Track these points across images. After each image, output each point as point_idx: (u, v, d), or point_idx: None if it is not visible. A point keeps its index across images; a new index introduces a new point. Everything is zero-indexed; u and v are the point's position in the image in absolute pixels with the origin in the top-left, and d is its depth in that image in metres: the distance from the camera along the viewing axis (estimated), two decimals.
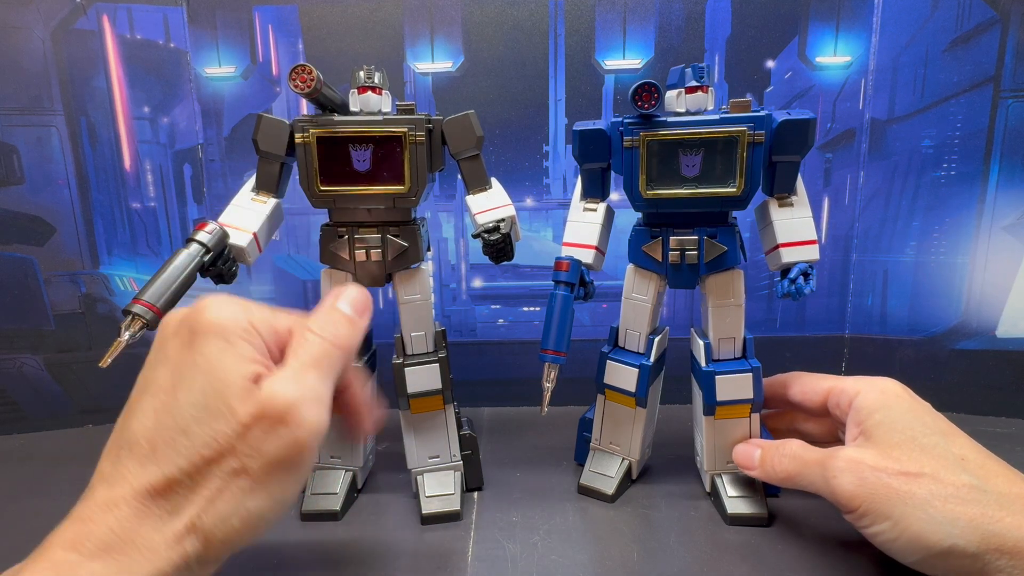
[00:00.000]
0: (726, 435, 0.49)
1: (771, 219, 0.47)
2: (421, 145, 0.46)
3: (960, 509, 0.36)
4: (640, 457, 0.53)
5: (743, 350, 0.50)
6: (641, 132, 0.45)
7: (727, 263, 0.48)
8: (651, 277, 0.50)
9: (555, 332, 0.47)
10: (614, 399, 0.53)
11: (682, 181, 0.46)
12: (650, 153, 0.45)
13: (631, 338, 0.52)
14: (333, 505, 0.50)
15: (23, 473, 0.58)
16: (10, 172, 0.63)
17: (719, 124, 0.44)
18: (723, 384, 0.48)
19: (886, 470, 0.38)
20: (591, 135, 0.47)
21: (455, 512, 0.49)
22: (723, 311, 0.49)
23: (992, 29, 0.61)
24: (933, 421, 0.41)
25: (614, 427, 0.53)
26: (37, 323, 0.67)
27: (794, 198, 0.47)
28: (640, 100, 0.43)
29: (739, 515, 0.48)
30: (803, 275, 0.46)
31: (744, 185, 0.45)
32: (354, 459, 0.52)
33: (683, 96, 0.45)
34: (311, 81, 0.43)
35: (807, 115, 0.45)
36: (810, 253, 0.46)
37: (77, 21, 0.63)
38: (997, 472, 0.38)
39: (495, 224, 0.47)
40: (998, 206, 0.64)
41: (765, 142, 0.44)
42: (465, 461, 0.52)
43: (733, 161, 0.45)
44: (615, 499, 0.52)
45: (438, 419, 0.51)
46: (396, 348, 0.51)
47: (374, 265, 0.49)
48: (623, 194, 0.48)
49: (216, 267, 0.45)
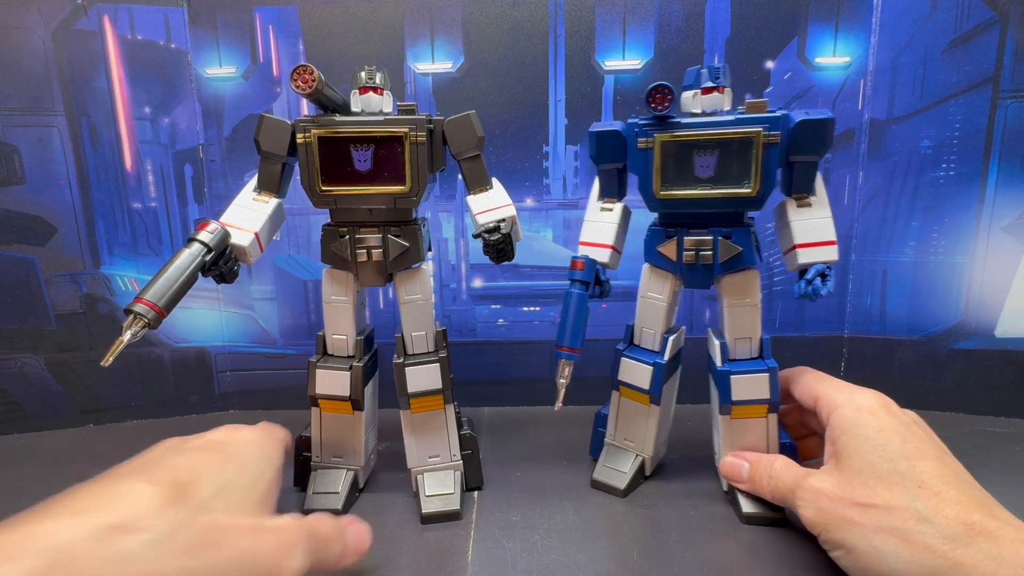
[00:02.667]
0: (743, 435, 0.49)
1: (788, 219, 0.47)
2: (422, 145, 0.46)
3: (902, 543, 0.36)
4: (654, 454, 0.54)
5: (760, 350, 0.50)
6: (655, 133, 0.45)
7: (742, 263, 0.48)
8: (666, 276, 0.50)
9: (570, 330, 0.48)
10: (629, 396, 0.53)
11: (696, 182, 0.46)
12: (664, 154, 0.45)
13: (646, 336, 0.52)
14: (335, 504, 0.50)
15: (23, 473, 0.59)
16: (11, 172, 0.64)
17: (734, 125, 0.44)
18: (739, 384, 0.48)
19: (842, 499, 0.39)
20: (606, 136, 0.48)
21: (455, 511, 0.49)
22: (739, 311, 0.49)
23: (991, 29, 0.61)
24: (901, 443, 0.40)
25: (628, 423, 0.54)
26: (38, 323, 0.67)
27: (813, 198, 0.46)
28: (654, 102, 0.44)
29: (754, 515, 0.48)
30: (820, 276, 0.46)
31: (759, 186, 0.45)
32: (355, 459, 0.52)
33: (699, 97, 0.46)
34: (312, 82, 0.43)
35: (825, 115, 0.44)
36: (828, 254, 0.46)
37: (78, 22, 0.63)
38: (954, 500, 0.36)
39: (495, 224, 0.47)
40: (997, 206, 0.64)
41: (781, 142, 0.44)
42: (465, 461, 0.52)
43: (748, 162, 0.45)
44: (627, 494, 0.52)
45: (438, 419, 0.51)
46: (397, 348, 0.51)
47: (375, 265, 0.49)
48: (638, 194, 0.48)
49: (217, 267, 0.45)
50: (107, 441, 0.66)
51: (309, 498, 0.51)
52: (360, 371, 0.50)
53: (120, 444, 0.65)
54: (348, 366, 0.50)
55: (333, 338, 0.51)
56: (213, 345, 0.71)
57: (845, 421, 0.42)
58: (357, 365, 0.50)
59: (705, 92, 0.45)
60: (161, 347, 0.70)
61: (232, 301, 0.71)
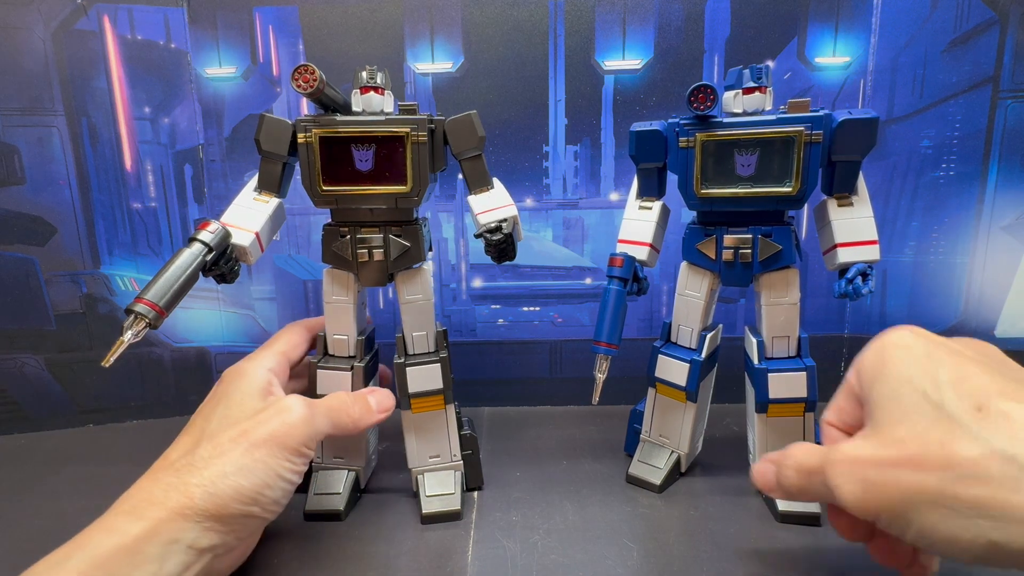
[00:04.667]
0: (779, 434, 0.49)
1: (829, 219, 0.47)
2: (423, 145, 0.46)
3: (981, 496, 0.27)
4: (689, 451, 0.54)
5: (798, 349, 0.49)
6: (696, 133, 0.45)
7: (782, 262, 0.48)
8: (705, 274, 0.50)
9: (608, 325, 0.48)
10: (665, 393, 0.53)
11: (737, 180, 0.46)
12: (705, 153, 0.46)
13: (683, 334, 0.52)
14: (336, 505, 0.50)
15: (23, 473, 0.59)
16: (11, 172, 0.64)
17: (775, 124, 0.45)
18: (775, 382, 0.48)
19: (890, 462, 0.30)
20: (647, 135, 0.48)
21: (455, 511, 0.49)
22: (777, 309, 0.49)
23: (991, 30, 0.61)
24: (944, 371, 0.31)
25: (664, 420, 0.54)
26: (38, 323, 0.67)
27: (855, 198, 0.46)
28: (696, 101, 0.44)
29: (791, 513, 0.47)
30: (861, 275, 0.45)
31: (800, 185, 0.45)
32: (357, 459, 0.52)
33: (740, 97, 0.46)
34: (314, 81, 0.43)
35: (870, 114, 0.44)
36: (869, 253, 0.46)
37: (78, 21, 0.63)
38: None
39: (497, 224, 0.47)
40: (997, 206, 0.64)
41: (823, 142, 0.44)
42: (465, 461, 0.52)
43: (790, 161, 0.45)
44: (662, 490, 0.52)
45: (439, 419, 0.51)
46: (397, 348, 0.51)
47: (376, 265, 0.49)
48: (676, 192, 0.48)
49: (218, 266, 0.45)
50: (107, 441, 0.66)
51: (311, 499, 0.51)
52: (361, 371, 0.50)
53: (120, 444, 0.65)
54: (349, 366, 0.50)
55: (334, 338, 0.51)
56: (213, 345, 0.71)
57: (871, 366, 0.34)
58: (358, 365, 0.50)
59: (747, 92, 0.46)
60: (161, 347, 0.70)
61: (232, 301, 0.71)
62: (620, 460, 0.58)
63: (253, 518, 0.40)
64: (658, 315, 0.70)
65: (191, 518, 0.37)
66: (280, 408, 0.42)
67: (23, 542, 0.47)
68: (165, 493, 0.37)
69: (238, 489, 0.38)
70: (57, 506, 0.52)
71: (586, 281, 0.70)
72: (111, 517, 0.36)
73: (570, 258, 0.70)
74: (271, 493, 0.40)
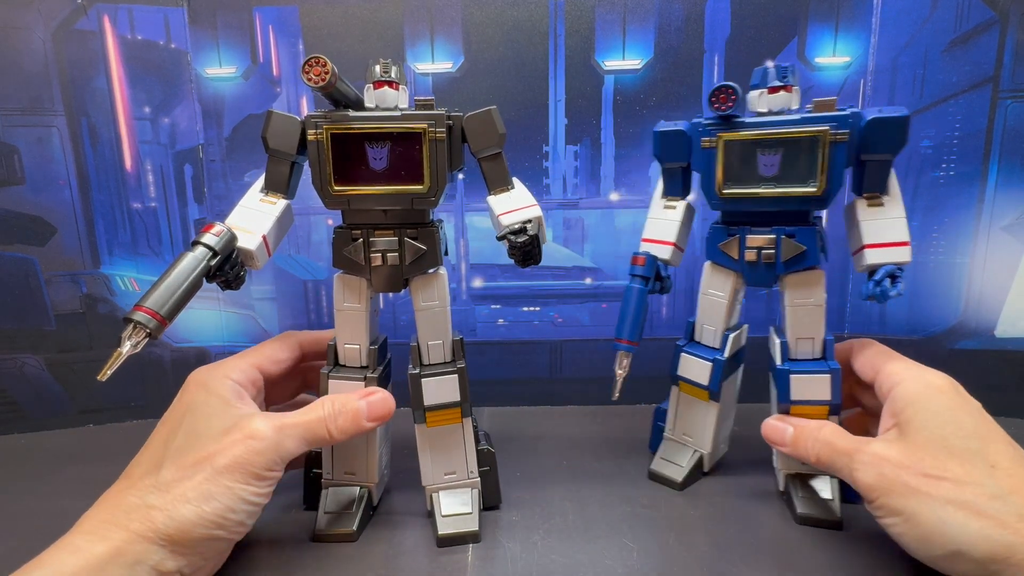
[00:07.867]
0: None
1: (858, 219, 0.46)
2: (442, 142, 0.43)
3: (972, 516, 0.36)
4: (712, 451, 0.54)
5: (823, 351, 0.48)
6: (719, 133, 0.45)
7: (806, 262, 0.47)
8: (728, 274, 0.50)
9: (629, 323, 0.49)
10: (688, 391, 0.53)
11: (760, 180, 0.46)
12: (728, 153, 0.45)
13: (707, 333, 0.52)
14: (349, 525, 0.47)
15: (23, 473, 0.59)
16: (11, 172, 0.64)
17: (799, 124, 0.44)
18: (798, 383, 0.47)
19: (908, 468, 0.38)
20: (671, 136, 0.48)
21: (473, 533, 0.46)
22: (801, 311, 0.48)
23: (991, 30, 0.61)
24: (973, 424, 0.40)
25: (687, 419, 0.54)
26: (38, 323, 0.67)
27: (886, 198, 0.45)
28: (717, 102, 0.44)
29: (809, 516, 0.47)
30: (890, 277, 0.45)
31: (825, 185, 0.44)
32: (368, 475, 0.49)
33: (765, 96, 0.45)
34: (326, 75, 0.40)
35: (900, 112, 0.43)
36: (899, 255, 0.45)
37: (78, 21, 0.63)
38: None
39: (522, 225, 0.43)
40: (997, 206, 0.64)
41: (851, 141, 0.44)
42: (483, 477, 0.49)
43: (814, 160, 0.44)
44: (683, 488, 0.52)
45: (455, 433, 0.48)
46: (412, 358, 0.47)
47: (390, 269, 0.46)
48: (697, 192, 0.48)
49: (223, 272, 0.42)
50: (107, 441, 0.66)
51: (320, 518, 0.47)
52: (375, 382, 0.47)
53: (120, 444, 0.64)
54: (362, 377, 0.47)
55: (345, 347, 0.48)
56: (213, 345, 0.71)
57: (911, 394, 0.41)
58: (371, 376, 0.47)
59: (772, 91, 0.45)
60: (161, 347, 0.70)
61: (232, 301, 0.71)
62: (620, 460, 0.58)
63: (219, 540, 0.39)
64: (656, 315, 0.70)
65: (154, 541, 0.37)
66: (247, 433, 0.40)
67: (23, 542, 0.47)
68: (127, 515, 0.37)
69: (200, 515, 0.38)
70: (57, 506, 0.52)
71: (586, 281, 0.70)
72: (74, 536, 0.36)
73: (570, 258, 0.70)
74: (235, 516, 0.39)
